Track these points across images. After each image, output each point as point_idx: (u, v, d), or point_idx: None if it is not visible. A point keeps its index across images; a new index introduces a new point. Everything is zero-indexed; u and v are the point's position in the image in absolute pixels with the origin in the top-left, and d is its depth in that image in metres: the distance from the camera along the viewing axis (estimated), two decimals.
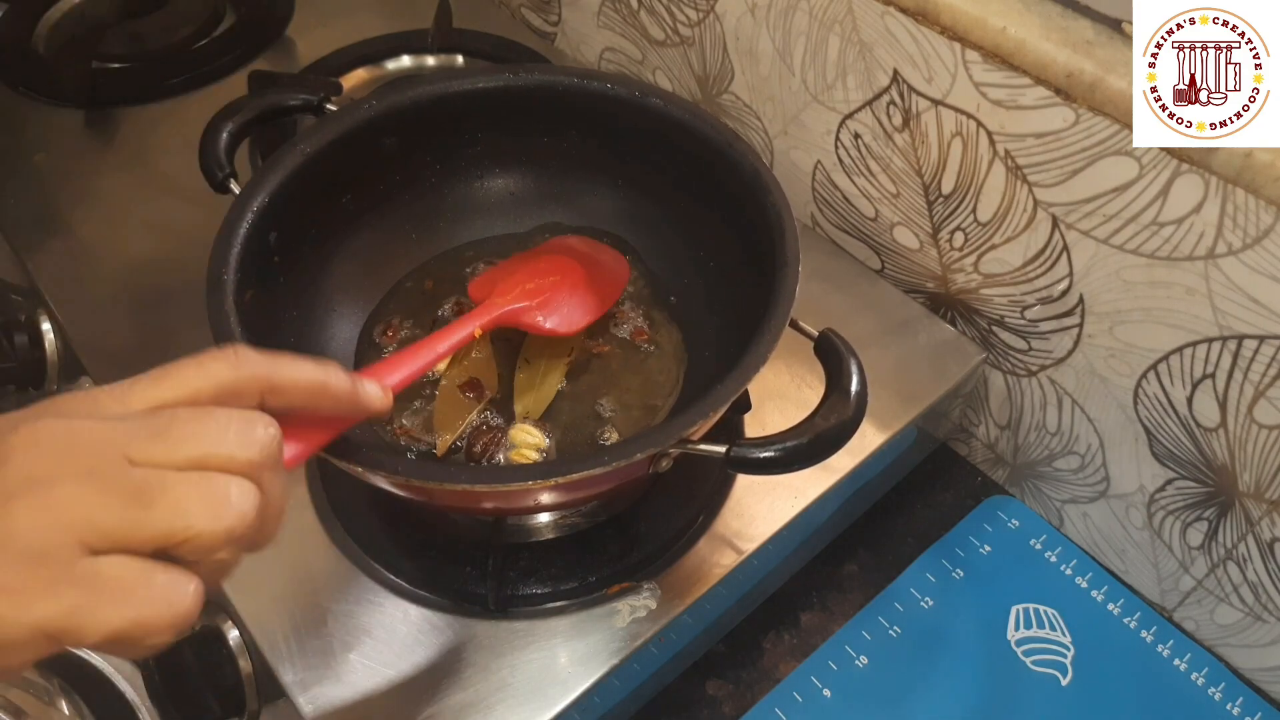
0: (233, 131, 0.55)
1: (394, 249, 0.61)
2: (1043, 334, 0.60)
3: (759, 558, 0.55)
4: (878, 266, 0.70)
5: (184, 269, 0.66)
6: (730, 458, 0.43)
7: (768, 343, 0.45)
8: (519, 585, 0.52)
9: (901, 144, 0.62)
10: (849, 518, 0.64)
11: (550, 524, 0.55)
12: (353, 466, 0.42)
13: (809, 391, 0.60)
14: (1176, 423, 0.55)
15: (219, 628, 0.52)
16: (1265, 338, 0.49)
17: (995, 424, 0.68)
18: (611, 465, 0.42)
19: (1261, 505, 0.53)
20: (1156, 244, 0.51)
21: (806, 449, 0.43)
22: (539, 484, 0.42)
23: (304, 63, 0.83)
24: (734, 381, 0.44)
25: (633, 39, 0.81)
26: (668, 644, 0.53)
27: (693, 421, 0.43)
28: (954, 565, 0.63)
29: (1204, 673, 0.59)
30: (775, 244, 0.50)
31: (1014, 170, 0.56)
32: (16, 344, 0.67)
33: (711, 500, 0.56)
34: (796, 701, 0.56)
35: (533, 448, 0.54)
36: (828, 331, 0.47)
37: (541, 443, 0.54)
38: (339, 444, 0.40)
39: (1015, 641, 0.60)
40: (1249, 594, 0.57)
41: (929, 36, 0.56)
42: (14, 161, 0.76)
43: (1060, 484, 0.65)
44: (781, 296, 0.47)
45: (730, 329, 0.53)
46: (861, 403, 0.44)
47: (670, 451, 0.43)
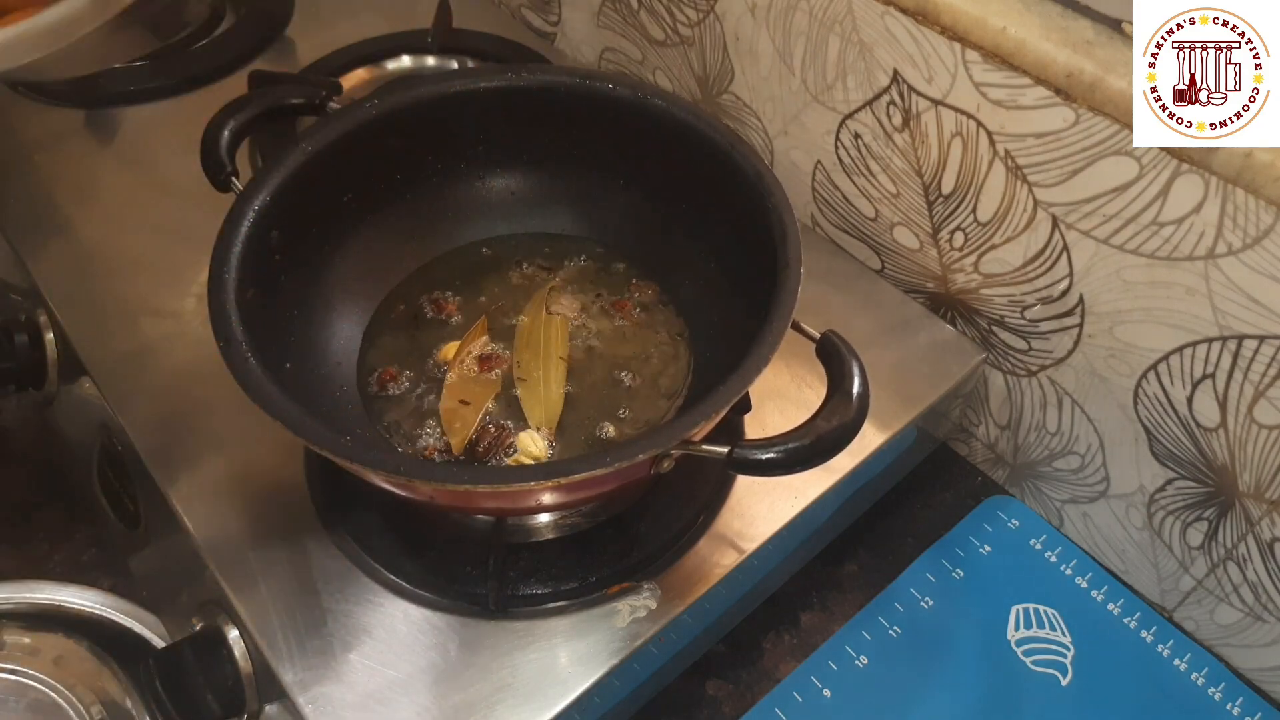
0: (234, 130, 0.54)
1: (395, 248, 0.61)
2: (1043, 334, 0.60)
3: (759, 558, 0.55)
4: (878, 266, 0.70)
5: (184, 269, 0.66)
6: (732, 459, 0.43)
7: (770, 344, 0.45)
8: (519, 585, 0.52)
9: (901, 144, 0.62)
10: (849, 518, 0.64)
11: (551, 524, 0.55)
12: (354, 466, 0.42)
13: (809, 392, 0.60)
14: (1176, 423, 0.55)
15: (219, 628, 0.52)
16: (1265, 338, 0.49)
17: (995, 424, 0.68)
18: (613, 466, 0.42)
19: (1261, 505, 0.54)
20: (1156, 244, 0.51)
21: (808, 450, 0.42)
22: (541, 484, 0.42)
23: (304, 63, 0.83)
24: (736, 383, 0.44)
25: (633, 39, 0.81)
26: (668, 644, 0.53)
27: (695, 422, 0.43)
28: (954, 565, 0.63)
29: (1204, 673, 0.59)
30: (777, 246, 0.50)
31: (1014, 170, 0.56)
32: (16, 344, 0.67)
33: (712, 500, 0.56)
34: (796, 701, 0.56)
35: (534, 457, 0.53)
36: (829, 333, 0.47)
37: (544, 455, 0.54)
38: (343, 444, 0.40)
39: (1015, 641, 0.60)
40: (1249, 594, 0.57)
41: (929, 36, 0.56)
42: (14, 161, 0.76)
43: (1060, 484, 0.65)
44: (783, 298, 0.47)
45: (732, 330, 0.53)
46: (864, 404, 0.44)
47: (672, 453, 0.43)
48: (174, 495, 0.55)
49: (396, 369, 0.57)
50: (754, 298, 0.49)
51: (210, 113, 0.56)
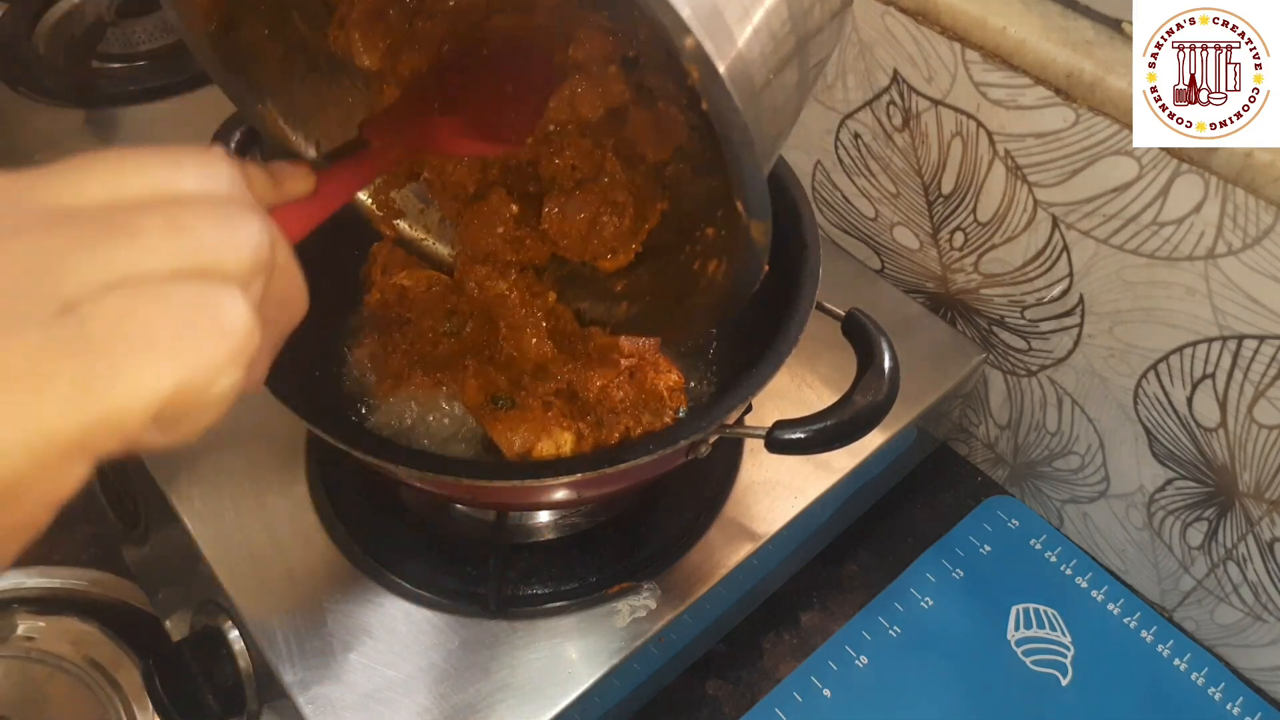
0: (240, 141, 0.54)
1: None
2: (1043, 334, 0.60)
3: (759, 558, 0.55)
4: (878, 266, 0.70)
5: None
6: (771, 438, 0.44)
7: (797, 324, 0.46)
8: (520, 585, 0.52)
9: (901, 144, 0.62)
10: (849, 518, 0.64)
11: (551, 524, 0.55)
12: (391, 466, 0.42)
13: (809, 392, 0.60)
14: (1176, 423, 0.55)
15: (219, 628, 0.52)
16: (1265, 338, 0.49)
17: (995, 424, 0.68)
18: (656, 454, 0.42)
19: (1261, 505, 0.53)
20: (1156, 244, 0.51)
21: (846, 427, 0.44)
22: (585, 476, 0.42)
23: None
24: (768, 365, 0.45)
25: None
26: (668, 644, 0.53)
27: (733, 406, 0.44)
28: (954, 565, 0.63)
29: (1204, 673, 0.59)
30: (793, 227, 0.50)
31: (1014, 170, 0.56)
32: None
33: (712, 501, 0.56)
34: (796, 701, 0.56)
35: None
36: (855, 310, 0.48)
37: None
38: (370, 442, 0.40)
39: (1015, 641, 0.60)
40: (1249, 594, 0.57)
41: (929, 36, 0.56)
42: (14, 161, 0.75)
43: (1060, 484, 0.65)
44: (805, 278, 0.48)
45: (756, 315, 0.53)
46: (895, 379, 0.45)
47: (710, 438, 0.44)
48: (174, 495, 0.55)
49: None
50: (773, 282, 0.49)
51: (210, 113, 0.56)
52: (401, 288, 0.55)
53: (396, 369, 0.55)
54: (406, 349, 0.54)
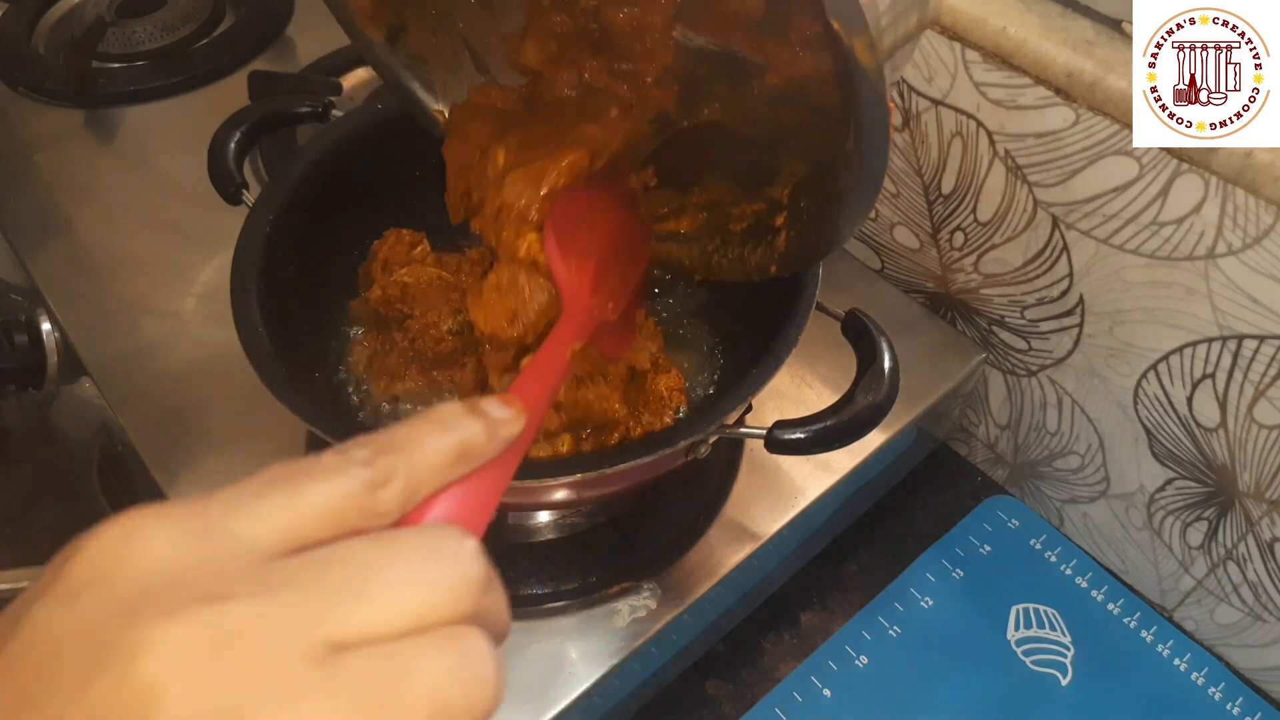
0: (240, 142, 0.54)
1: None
2: (1043, 334, 0.60)
3: (759, 558, 0.55)
4: (878, 266, 0.70)
5: (184, 269, 0.66)
6: (771, 438, 0.44)
7: (797, 324, 0.46)
8: (520, 585, 0.52)
9: (901, 144, 0.62)
10: (849, 518, 0.64)
11: (550, 524, 0.55)
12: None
13: (809, 391, 0.60)
14: (1176, 423, 0.55)
15: None
16: (1265, 338, 0.49)
17: (995, 424, 0.68)
18: (656, 454, 0.42)
19: (1261, 505, 0.54)
20: (1156, 244, 0.51)
21: (846, 427, 0.44)
22: (585, 477, 0.42)
23: (304, 63, 0.82)
24: (768, 365, 0.45)
25: None
26: (668, 644, 0.53)
27: (732, 406, 0.44)
28: (954, 565, 0.63)
29: (1204, 673, 0.59)
30: None
31: (1014, 170, 0.56)
32: (16, 344, 0.67)
33: (712, 500, 0.56)
34: (796, 701, 0.56)
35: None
36: (855, 311, 0.48)
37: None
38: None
39: (1015, 641, 0.60)
40: (1249, 594, 0.57)
41: (928, 36, 0.56)
42: (14, 161, 0.76)
43: (1060, 484, 0.65)
44: (805, 278, 0.48)
45: (756, 314, 0.53)
46: (895, 380, 0.45)
47: (709, 439, 0.44)
48: (174, 495, 0.55)
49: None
50: (774, 282, 0.50)
51: (210, 113, 0.56)
52: (403, 284, 0.55)
53: (395, 367, 0.55)
54: (406, 346, 0.54)
